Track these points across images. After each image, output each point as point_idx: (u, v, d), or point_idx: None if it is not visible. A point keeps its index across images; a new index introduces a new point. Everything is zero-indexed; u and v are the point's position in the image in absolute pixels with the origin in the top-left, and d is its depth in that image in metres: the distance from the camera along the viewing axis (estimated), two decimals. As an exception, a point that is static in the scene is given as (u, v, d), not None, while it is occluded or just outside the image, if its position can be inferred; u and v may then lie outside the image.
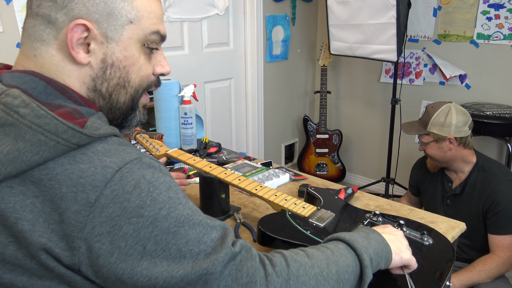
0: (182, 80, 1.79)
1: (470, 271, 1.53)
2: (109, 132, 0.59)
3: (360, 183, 3.28)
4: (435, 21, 2.64)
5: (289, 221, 0.91)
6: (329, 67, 3.22)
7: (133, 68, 0.67)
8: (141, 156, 0.58)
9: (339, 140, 3.15)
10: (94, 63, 0.63)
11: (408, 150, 2.92)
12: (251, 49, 2.81)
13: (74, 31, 0.60)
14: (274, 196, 0.99)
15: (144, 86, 0.70)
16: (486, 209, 1.58)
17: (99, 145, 0.57)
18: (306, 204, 0.98)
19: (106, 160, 0.55)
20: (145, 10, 0.65)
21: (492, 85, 2.51)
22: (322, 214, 0.96)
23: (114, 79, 0.66)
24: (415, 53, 2.78)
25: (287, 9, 2.99)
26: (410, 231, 0.93)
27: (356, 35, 2.57)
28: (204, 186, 1.12)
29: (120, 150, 0.57)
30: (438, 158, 1.64)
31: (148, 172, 0.56)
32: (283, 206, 0.96)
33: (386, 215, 1.00)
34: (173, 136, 1.71)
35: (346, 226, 0.92)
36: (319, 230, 0.89)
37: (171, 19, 2.34)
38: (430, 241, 0.90)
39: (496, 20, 2.41)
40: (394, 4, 2.29)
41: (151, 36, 0.67)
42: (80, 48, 0.62)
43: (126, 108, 0.70)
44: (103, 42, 0.63)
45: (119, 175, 0.54)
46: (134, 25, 0.64)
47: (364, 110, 3.20)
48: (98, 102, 0.66)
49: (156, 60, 0.71)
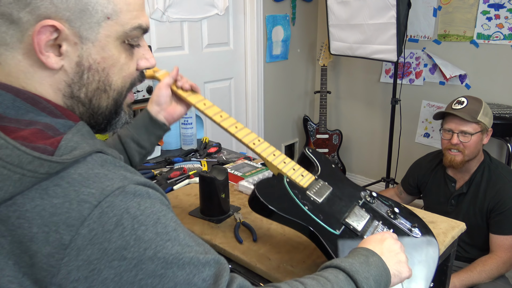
0: (182, 80, 1.79)
1: (470, 271, 1.53)
2: (87, 151, 0.51)
3: (360, 183, 3.27)
4: (435, 21, 2.64)
5: (287, 191, 0.85)
6: (329, 67, 3.22)
7: (114, 69, 0.59)
8: (125, 183, 0.50)
9: (339, 140, 3.15)
10: (68, 67, 0.56)
11: (408, 150, 2.92)
12: (251, 49, 2.81)
13: (42, 33, 0.52)
14: (272, 156, 0.90)
15: (127, 87, 0.63)
16: (491, 208, 1.57)
17: (75, 172, 0.49)
18: (305, 172, 0.93)
19: (83, 192, 0.48)
20: (123, 2, 0.57)
21: (492, 85, 2.51)
22: (320, 187, 0.92)
23: (93, 84, 0.58)
24: (415, 53, 2.78)
25: (287, 9, 2.99)
26: (402, 220, 0.93)
27: (356, 35, 2.57)
28: (204, 186, 1.12)
29: (100, 176, 0.50)
30: (472, 151, 1.57)
31: (133, 203, 0.50)
32: (281, 170, 0.89)
33: (381, 198, 0.99)
34: (173, 136, 1.71)
35: (342, 206, 0.91)
36: (317, 207, 0.87)
37: (171, 19, 2.34)
38: (418, 235, 0.90)
39: (496, 20, 2.41)
40: (394, 4, 2.29)
41: (132, 32, 0.59)
42: (50, 51, 0.54)
43: (109, 113, 0.62)
44: (77, 42, 0.55)
45: (98, 211, 0.47)
46: (112, 21, 0.56)
47: (364, 110, 3.20)
48: (78, 109, 0.59)
49: (139, 54, 0.64)
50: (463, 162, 1.59)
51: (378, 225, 0.91)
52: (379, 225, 0.91)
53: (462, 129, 1.56)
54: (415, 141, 2.93)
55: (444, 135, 1.63)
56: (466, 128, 1.55)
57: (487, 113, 1.58)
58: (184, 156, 1.61)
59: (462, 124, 1.56)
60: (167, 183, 1.35)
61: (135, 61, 0.63)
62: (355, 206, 0.93)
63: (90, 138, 0.56)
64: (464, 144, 1.56)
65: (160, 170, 1.46)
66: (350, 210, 0.91)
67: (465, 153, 1.57)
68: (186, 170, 1.44)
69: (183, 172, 1.42)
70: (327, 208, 0.89)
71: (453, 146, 1.58)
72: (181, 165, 1.50)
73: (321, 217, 0.85)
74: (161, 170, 1.46)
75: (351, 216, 0.90)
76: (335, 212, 0.89)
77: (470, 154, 1.58)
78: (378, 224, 0.91)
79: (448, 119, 1.61)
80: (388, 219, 0.94)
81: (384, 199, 0.99)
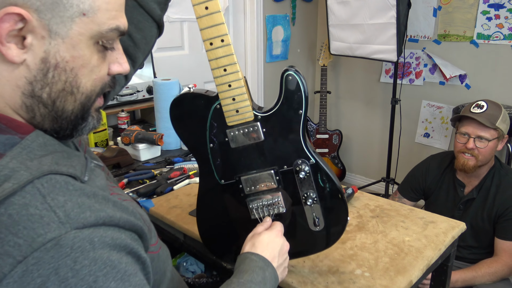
0: (182, 80, 1.79)
1: (475, 271, 1.52)
2: (23, 182, 0.43)
3: (360, 183, 3.28)
4: (435, 21, 2.64)
5: (206, 117, 0.77)
6: (329, 67, 3.22)
7: (83, 70, 0.53)
8: (65, 228, 0.42)
9: (339, 140, 3.15)
10: (31, 62, 0.49)
11: (408, 150, 2.92)
12: (251, 49, 2.80)
13: (5, 21, 0.46)
14: (221, 71, 0.74)
15: (97, 91, 0.56)
16: (500, 214, 1.55)
17: (6, 212, 0.41)
18: (246, 108, 0.77)
19: (8, 242, 0.40)
20: (103, 0, 0.52)
21: (492, 85, 2.51)
22: (246, 133, 0.79)
23: (59, 84, 0.51)
24: (415, 53, 2.78)
25: (287, 9, 2.99)
26: (314, 211, 0.84)
27: (356, 35, 2.57)
28: (204, 186, 1.11)
29: (35, 219, 0.41)
30: (486, 157, 1.54)
31: (67, 261, 0.41)
32: (219, 92, 0.76)
33: (323, 180, 0.83)
34: (173, 136, 1.71)
35: (254, 163, 0.81)
36: (223, 150, 0.80)
37: (171, 19, 2.34)
38: (319, 227, 0.85)
39: (496, 20, 2.41)
40: (394, 4, 2.29)
41: (109, 33, 0.53)
42: (12, 42, 0.48)
43: (75, 117, 0.55)
44: (45, 36, 0.49)
45: (22, 269, 0.39)
46: (88, 18, 0.50)
47: (364, 110, 3.20)
48: (38, 111, 0.52)
49: (113, 57, 0.57)
50: (475, 167, 1.55)
51: (275, 201, 0.83)
52: (276, 201, 0.83)
53: (480, 134, 1.51)
54: (415, 141, 2.93)
55: (459, 138, 1.58)
56: (484, 133, 1.51)
57: (506, 119, 1.54)
58: (184, 156, 1.61)
59: (480, 129, 1.51)
60: (167, 183, 1.35)
61: (107, 64, 0.56)
62: (268, 170, 0.81)
63: (39, 156, 0.48)
64: (479, 149, 1.52)
65: (160, 170, 1.46)
66: (259, 171, 0.82)
67: (478, 158, 1.53)
68: (186, 170, 1.44)
69: (183, 172, 1.43)
70: (233, 156, 0.80)
71: (468, 150, 1.54)
72: (181, 165, 1.50)
73: (218, 161, 0.80)
74: (161, 170, 1.47)
75: (253, 177, 0.82)
76: (240, 164, 0.81)
77: (484, 160, 1.54)
78: (277, 201, 0.83)
79: (466, 122, 1.56)
80: (296, 200, 0.84)
81: (326, 182, 0.82)
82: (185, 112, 0.79)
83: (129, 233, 0.49)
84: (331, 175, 0.82)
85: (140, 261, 0.50)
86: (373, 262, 0.95)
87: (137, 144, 1.59)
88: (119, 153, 1.52)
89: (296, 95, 0.76)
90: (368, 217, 1.15)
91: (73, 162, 0.50)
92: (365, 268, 0.92)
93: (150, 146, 1.61)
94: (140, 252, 0.49)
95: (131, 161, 1.57)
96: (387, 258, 0.96)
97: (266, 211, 0.85)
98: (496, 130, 1.51)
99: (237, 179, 0.83)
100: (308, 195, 0.82)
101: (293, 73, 0.75)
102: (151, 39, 0.86)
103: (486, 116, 1.50)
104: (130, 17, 0.78)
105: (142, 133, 1.58)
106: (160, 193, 1.29)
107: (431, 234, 1.06)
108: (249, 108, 0.77)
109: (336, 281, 0.88)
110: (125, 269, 0.45)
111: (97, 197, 0.48)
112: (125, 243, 0.47)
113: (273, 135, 0.79)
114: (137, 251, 0.49)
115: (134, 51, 0.84)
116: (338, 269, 0.92)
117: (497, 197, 1.56)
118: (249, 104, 0.77)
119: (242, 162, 0.81)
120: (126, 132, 1.59)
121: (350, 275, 0.90)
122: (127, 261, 0.46)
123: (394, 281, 0.88)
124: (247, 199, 0.85)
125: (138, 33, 0.83)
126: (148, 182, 1.37)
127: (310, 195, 0.82)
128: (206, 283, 1.18)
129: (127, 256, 0.47)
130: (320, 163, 0.81)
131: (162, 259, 0.68)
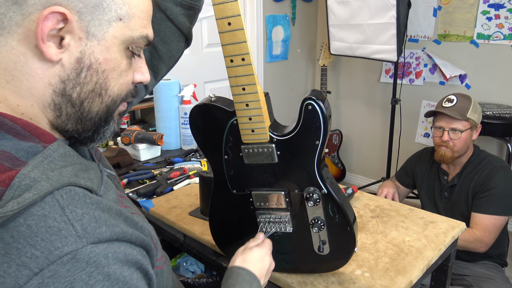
0: (182, 80, 1.79)
1: None
2: (43, 193, 0.42)
3: (360, 183, 3.28)
4: (435, 21, 2.64)
5: (223, 130, 0.76)
6: (329, 67, 3.22)
7: (113, 74, 0.54)
8: (81, 243, 0.42)
9: (339, 140, 3.15)
10: (66, 62, 0.50)
11: (408, 150, 2.92)
12: (251, 49, 2.80)
13: (48, 20, 0.47)
14: (239, 89, 0.72)
15: (123, 96, 0.58)
16: (477, 190, 1.63)
17: (24, 222, 0.41)
18: (262, 129, 0.76)
19: (26, 253, 0.40)
20: (137, 8, 0.55)
21: (492, 85, 2.51)
22: (262, 153, 0.78)
23: (89, 84, 0.53)
24: (415, 53, 2.78)
25: (287, 9, 2.99)
26: (320, 234, 0.85)
27: (356, 35, 2.57)
28: (204, 186, 1.12)
29: (53, 230, 0.42)
30: (462, 147, 1.65)
31: (82, 275, 0.41)
32: (235, 109, 0.76)
33: (331, 207, 0.81)
34: (173, 136, 1.72)
35: (267, 182, 0.82)
36: (236, 164, 0.80)
37: (171, 19, 2.34)
38: (323, 253, 0.86)
39: (496, 20, 2.41)
40: (394, 4, 2.29)
41: (139, 39, 0.56)
42: (52, 41, 0.49)
43: (98, 119, 0.56)
44: (82, 38, 0.50)
45: (38, 281, 0.39)
46: (123, 23, 0.53)
47: (364, 110, 3.20)
48: (66, 110, 0.53)
49: (137, 66, 0.59)
50: (453, 158, 1.66)
51: (283, 220, 0.84)
52: (284, 220, 0.84)
53: (453, 126, 1.62)
54: (415, 141, 2.93)
55: (435, 132, 1.70)
56: (456, 125, 1.62)
57: (476, 110, 1.65)
58: (184, 156, 1.61)
59: (452, 122, 1.62)
60: (167, 183, 1.35)
61: (133, 71, 0.59)
62: (279, 191, 0.81)
63: (60, 167, 0.47)
64: (454, 141, 1.63)
65: (160, 170, 1.46)
66: (270, 190, 0.82)
67: (454, 149, 1.64)
68: (186, 170, 1.44)
69: (183, 172, 1.42)
70: (246, 171, 0.80)
71: (444, 143, 1.65)
72: (181, 165, 1.50)
73: (231, 172, 0.79)
74: (161, 170, 1.46)
75: (264, 194, 0.82)
76: (252, 180, 0.81)
77: (460, 150, 1.65)
78: (285, 220, 0.84)
79: (439, 117, 1.67)
80: (304, 223, 0.84)
81: (336, 213, 0.81)
82: (203, 122, 0.78)
83: (139, 249, 0.50)
84: (343, 206, 0.80)
85: (147, 277, 0.50)
86: (373, 262, 0.95)
87: (137, 144, 1.59)
88: (119, 153, 1.52)
89: (315, 126, 0.74)
90: (368, 217, 1.15)
91: (91, 175, 0.50)
92: (365, 268, 0.92)
93: (150, 146, 1.61)
94: (148, 269, 0.50)
95: (131, 161, 1.57)
96: (387, 258, 0.96)
97: (273, 227, 0.86)
98: (468, 121, 1.61)
99: (249, 192, 0.83)
100: (315, 222, 0.82)
101: (313, 102, 0.72)
102: (176, 53, 0.87)
103: (456, 109, 1.61)
104: (157, 29, 0.80)
105: (142, 133, 1.58)
106: (160, 193, 1.29)
107: (431, 234, 1.06)
108: (265, 130, 0.75)
109: (336, 281, 0.88)
110: (136, 285, 0.46)
111: (111, 212, 0.48)
112: (136, 259, 0.47)
113: (287, 159, 0.78)
114: (145, 267, 0.50)
115: (157, 62, 0.85)
116: (338, 270, 0.92)
117: (475, 177, 1.64)
118: (266, 126, 0.75)
119: (255, 178, 0.81)
120: (126, 132, 1.59)
121: (350, 275, 0.90)
122: (137, 277, 0.47)
123: (394, 281, 0.88)
124: (257, 212, 0.85)
125: (164, 46, 0.84)
126: (148, 182, 1.37)
127: (317, 222, 0.82)
128: (206, 283, 1.18)
129: (137, 271, 0.48)
130: (333, 193, 0.79)
131: (166, 274, 0.68)
